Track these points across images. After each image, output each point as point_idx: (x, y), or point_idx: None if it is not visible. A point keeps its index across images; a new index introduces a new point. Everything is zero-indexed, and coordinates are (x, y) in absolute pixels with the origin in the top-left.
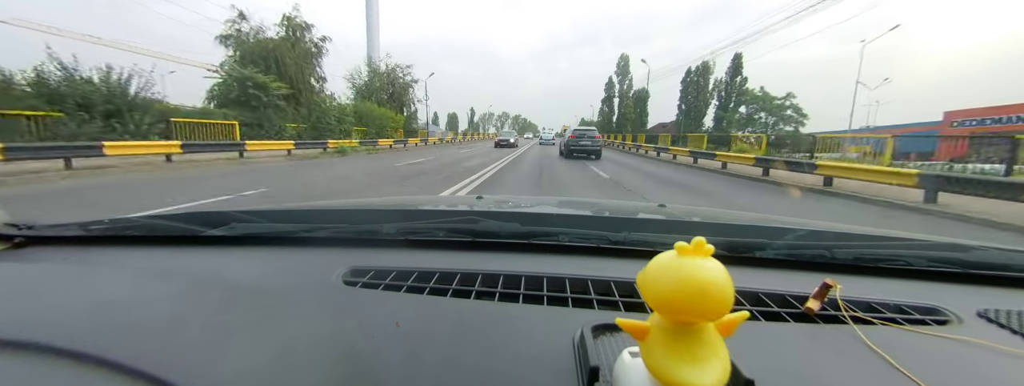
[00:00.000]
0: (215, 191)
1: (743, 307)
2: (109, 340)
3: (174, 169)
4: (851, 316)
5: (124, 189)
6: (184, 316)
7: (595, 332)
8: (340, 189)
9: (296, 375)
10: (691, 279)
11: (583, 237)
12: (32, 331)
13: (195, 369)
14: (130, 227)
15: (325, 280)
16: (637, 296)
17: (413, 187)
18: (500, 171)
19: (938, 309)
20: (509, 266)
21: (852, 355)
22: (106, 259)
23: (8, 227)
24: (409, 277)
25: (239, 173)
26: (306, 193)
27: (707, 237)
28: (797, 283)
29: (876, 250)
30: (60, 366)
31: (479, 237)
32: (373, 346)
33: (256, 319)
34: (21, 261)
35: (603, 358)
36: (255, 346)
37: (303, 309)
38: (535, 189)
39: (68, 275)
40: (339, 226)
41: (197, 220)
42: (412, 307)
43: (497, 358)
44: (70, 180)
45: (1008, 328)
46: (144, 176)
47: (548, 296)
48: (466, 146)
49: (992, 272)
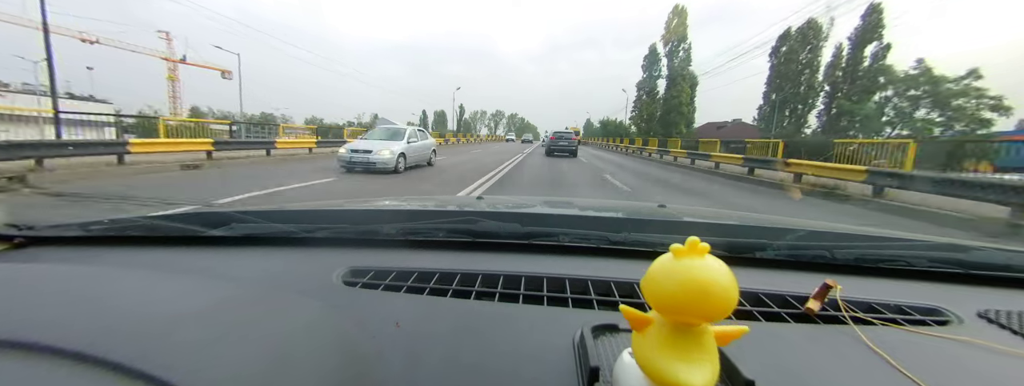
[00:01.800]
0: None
1: (744, 307)
2: (109, 340)
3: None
4: (851, 317)
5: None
6: (184, 316)
7: (595, 332)
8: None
9: (296, 375)
10: (693, 280)
11: (583, 237)
12: (32, 331)
13: (195, 369)
14: (130, 227)
15: (325, 280)
16: (637, 296)
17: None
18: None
19: (938, 309)
20: (509, 266)
21: (852, 355)
22: (106, 259)
23: (8, 227)
24: (409, 277)
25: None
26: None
27: (707, 237)
28: (797, 283)
29: (876, 251)
30: (60, 366)
31: (479, 237)
32: (373, 346)
33: (256, 319)
34: (21, 261)
35: (603, 358)
36: (255, 347)
37: (303, 309)
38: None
39: (68, 275)
40: (339, 226)
41: (197, 220)
42: (412, 307)
43: (497, 358)
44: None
45: (1008, 328)
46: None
47: (548, 296)
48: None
49: (992, 272)
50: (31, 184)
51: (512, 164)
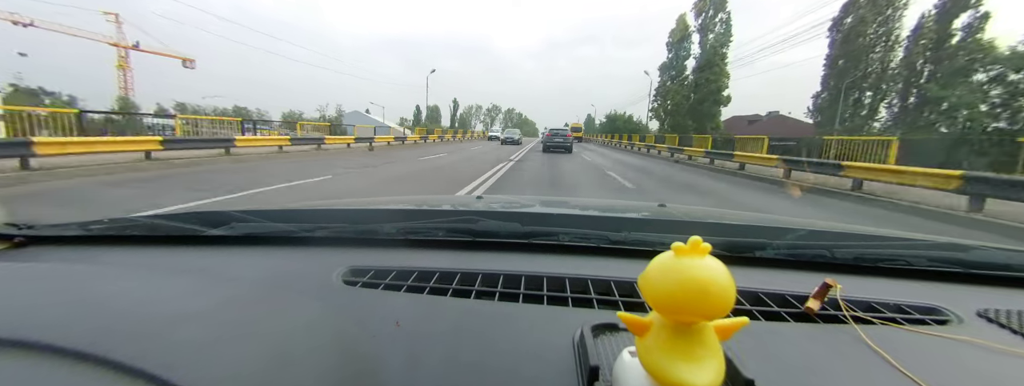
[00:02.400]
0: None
1: (743, 307)
2: (109, 340)
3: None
4: (851, 316)
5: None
6: (184, 316)
7: (595, 332)
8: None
9: (296, 374)
10: (692, 279)
11: (583, 237)
12: (32, 331)
13: (195, 369)
14: (130, 227)
15: (325, 280)
16: (637, 296)
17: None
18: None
19: (938, 309)
20: (509, 266)
21: (852, 355)
22: (106, 259)
23: (8, 227)
24: (409, 277)
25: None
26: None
27: (707, 237)
28: (797, 283)
29: (876, 250)
30: (60, 366)
31: (479, 237)
32: (373, 346)
33: (256, 319)
34: (21, 261)
35: (603, 358)
36: (255, 346)
37: (303, 309)
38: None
39: (68, 275)
40: (339, 226)
41: (197, 220)
42: (412, 307)
43: (497, 357)
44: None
45: (1008, 328)
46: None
47: (548, 296)
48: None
49: (992, 272)
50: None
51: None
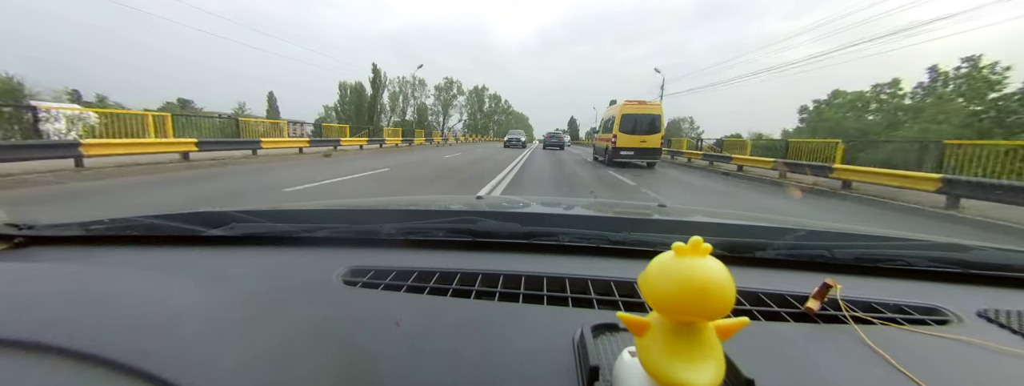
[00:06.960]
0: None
1: (743, 307)
2: (109, 340)
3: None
4: (851, 316)
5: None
6: (184, 316)
7: (595, 332)
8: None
9: (296, 375)
10: (691, 279)
11: (583, 237)
12: (32, 331)
13: (195, 369)
14: (130, 227)
15: (325, 280)
16: (637, 296)
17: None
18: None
19: (938, 309)
20: (509, 266)
21: (852, 355)
22: (106, 259)
23: (8, 227)
24: (409, 277)
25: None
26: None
27: (707, 237)
28: (797, 283)
29: (876, 250)
30: (60, 366)
31: (479, 237)
32: (373, 346)
33: (256, 319)
34: (21, 261)
35: (603, 358)
36: (255, 346)
37: (303, 309)
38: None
39: (68, 275)
40: (339, 226)
41: (197, 220)
42: (412, 307)
43: (497, 357)
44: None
45: (1008, 328)
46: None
47: (548, 296)
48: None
49: (992, 272)
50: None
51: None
